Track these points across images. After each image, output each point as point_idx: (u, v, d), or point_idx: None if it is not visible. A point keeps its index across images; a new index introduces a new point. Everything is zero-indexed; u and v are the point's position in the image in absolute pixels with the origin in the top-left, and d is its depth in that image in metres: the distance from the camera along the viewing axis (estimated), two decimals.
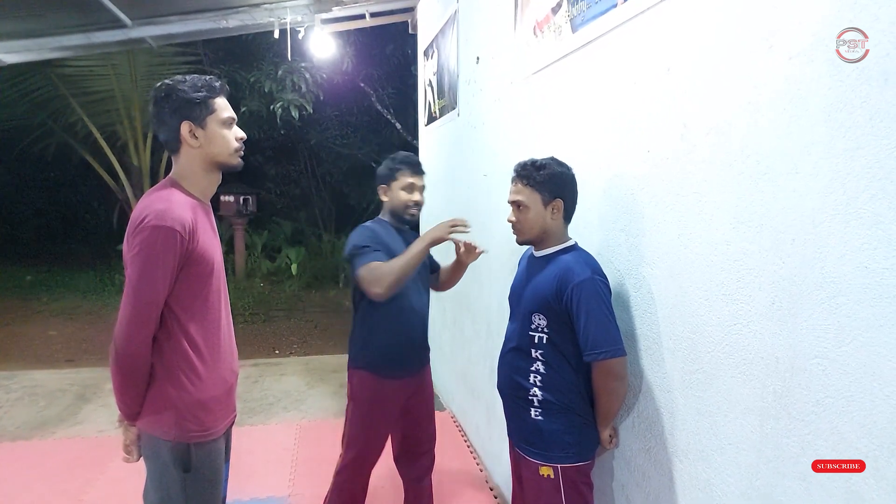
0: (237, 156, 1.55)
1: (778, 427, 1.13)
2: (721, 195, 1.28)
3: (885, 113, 0.90)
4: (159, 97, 1.46)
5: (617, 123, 1.71)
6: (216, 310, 1.52)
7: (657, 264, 1.53)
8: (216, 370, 1.51)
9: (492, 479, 2.96)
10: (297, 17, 4.73)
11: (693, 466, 1.39)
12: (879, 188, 0.91)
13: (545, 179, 1.64)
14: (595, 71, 1.83)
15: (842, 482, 0.98)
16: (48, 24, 3.96)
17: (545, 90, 2.23)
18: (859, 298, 0.95)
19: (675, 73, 1.43)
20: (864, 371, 0.94)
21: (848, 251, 0.97)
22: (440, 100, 4.05)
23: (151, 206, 1.38)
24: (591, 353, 1.52)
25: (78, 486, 2.91)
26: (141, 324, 1.36)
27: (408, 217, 2.19)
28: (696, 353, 1.37)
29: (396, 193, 2.17)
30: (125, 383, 1.40)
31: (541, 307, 1.61)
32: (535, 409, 1.63)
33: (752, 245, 1.19)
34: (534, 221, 1.66)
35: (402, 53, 8.45)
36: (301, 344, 6.29)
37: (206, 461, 1.49)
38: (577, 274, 1.55)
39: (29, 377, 4.70)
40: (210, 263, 1.47)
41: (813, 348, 1.04)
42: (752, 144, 1.19)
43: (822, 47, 1.02)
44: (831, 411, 1.01)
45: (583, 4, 1.88)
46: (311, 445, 3.43)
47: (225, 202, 8.85)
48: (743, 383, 1.22)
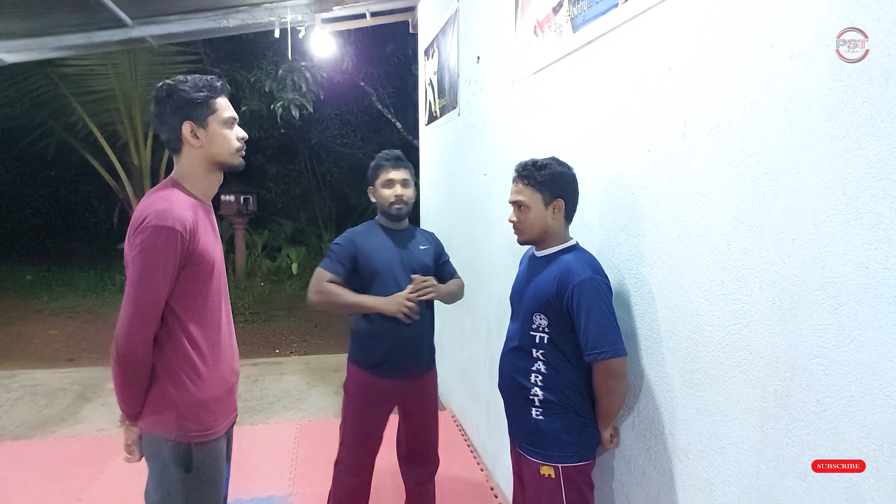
0: (238, 155, 1.55)
1: (778, 427, 1.13)
2: (722, 195, 1.28)
3: (887, 113, 0.90)
4: (161, 97, 1.46)
5: (618, 123, 1.71)
6: (217, 309, 1.52)
7: (658, 264, 1.53)
8: (217, 370, 1.51)
9: (492, 479, 2.96)
10: (297, 17, 4.73)
11: (693, 466, 1.39)
12: (880, 188, 0.91)
13: (546, 179, 1.64)
14: (596, 70, 1.83)
15: (842, 482, 0.98)
16: (48, 23, 3.96)
17: (546, 90, 2.23)
18: (860, 298, 0.95)
19: (676, 72, 1.43)
20: (865, 371, 0.94)
21: (849, 251, 0.97)
22: (441, 99, 4.05)
23: (152, 206, 1.38)
24: (591, 352, 1.52)
25: (78, 484, 2.91)
26: (142, 323, 1.36)
27: (394, 212, 2.16)
28: (696, 353, 1.37)
29: (379, 192, 2.18)
30: (126, 383, 1.40)
31: (542, 307, 1.61)
32: (535, 409, 1.63)
33: (752, 245, 1.19)
34: (535, 221, 1.66)
35: (403, 53, 8.44)
36: (301, 343, 6.30)
37: (208, 461, 1.49)
38: (578, 273, 1.55)
39: (29, 376, 4.70)
40: (211, 263, 1.47)
41: (813, 348, 1.04)
42: (752, 144, 1.19)
43: (823, 47, 1.02)
44: (831, 411, 1.01)
45: (584, 4, 1.88)
46: (311, 445, 3.43)
47: (225, 201, 8.85)
48: (743, 383, 1.22)
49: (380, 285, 2.10)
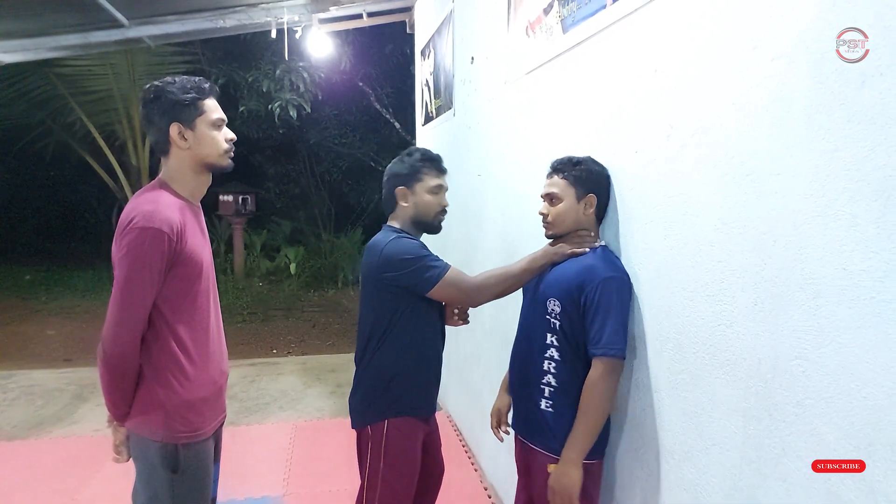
0: (227, 157, 1.55)
1: (760, 428, 1.13)
2: (706, 196, 1.28)
3: (863, 115, 0.91)
4: (148, 99, 1.47)
5: (606, 124, 1.71)
6: (205, 311, 1.52)
7: (645, 265, 1.53)
8: (205, 371, 1.51)
9: (486, 479, 2.97)
10: (294, 17, 4.74)
11: (679, 467, 1.40)
12: (857, 190, 0.92)
13: (581, 175, 1.64)
14: (585, 71, 1.84)
15: (821, 483, 0.99)
16: (46, 23, 3.96)
17: (537, 90, 2.23)
18: (838, 300, 0.95)
19: (662, 73, 1.43)
20: (843, 372, 0.95)
21: (827, 253, 0.97)
22: (436, 99, 4.06)
23: (139, 208, 1.39)
24: (604, 347, 1.50)
25: (73, 484, 2.92)
26: (129, 325, 1.36)
27: (437, 223, 1.87)
28: (681, 354, 1.38)
29: (422, 197, 1.83)
30: (113, 384, 1.41)
31: (559, 294, 1.60)
32: (545, 400, 1.62)
33: (735, 246, 1.19)
34: (566, 215, 1.65)
35: (401, 53, 8.45)
36: (299, 343, 6.30)
37: (195, 462, 1.49)
38: (610, 270, 1.55)
39: (27, 376, 4.71)
40: (198, 265, 1.48)
41: (794, 349, 1.05)
42: (736, 146, 1.19)
43: (803, 48, 1.02)
44: (811, 412, 1.01)
45: (573, 5, 1.88)
46: (306, 445, 3.44)
47: (224, 201, 8.84)
48: (727, 384, 1.22)
49: (428, 311, 1.81)
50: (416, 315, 1.76)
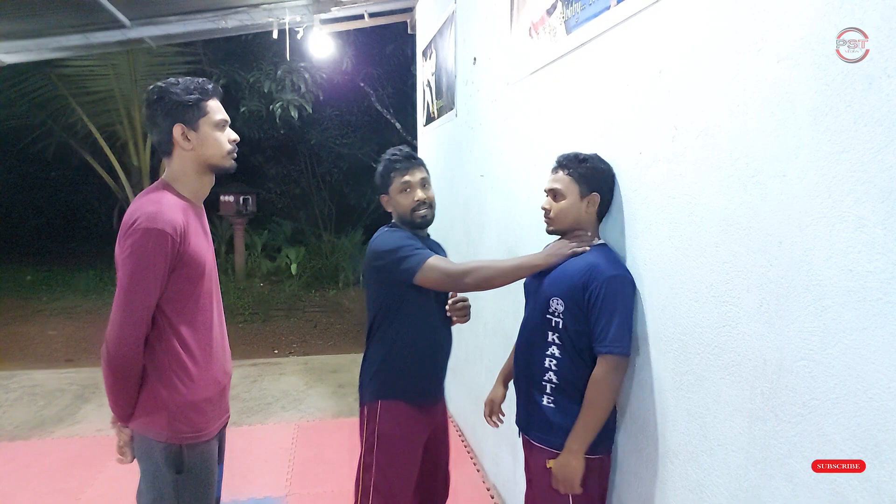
0: (230, 158, 1.55)
1: (766, 429, 1.13)
2: (711, 197, 1.28)
3: (869, 116, 0.91)
4: (151, 100, 1.47)
5: (610, 125, 1.71)
6: (208, 311, 1.52)
7: (649, 265, 1.53)
8: (208, 371, 1.51)
9: (488, 479, 2.97)
10: (295, 18, 4.74)
11: (684, 467, 1.39)
12: (863, 191, 0.92)
13: (586, 172, 1.64)
14: (589, 73, 1.84)
15: (827, 483, 0.99)
16: (47, 24, 3.97)
17: (540, 91, 2.23)
18: (844, 301, 0.95)
19: (667, 75, 1.43)
20: (849, 373, 0.95)
21: (833, 254, 0.97)
22: (438, 100, 4.06)
23: (142, 209, 1.39)
24: (610, 345, 1.51)
25: (76, 485, 2.93)
26: (132, 326, 1.37)
27: (419, 220, 1.88)
28: (686, 355, 1.38)
29: (396, 200, 1.89)
30: (117, 385, 1.41)
31: (562, 293, 1.60)
32: (547, 397, 1.63)
33: (741, 247, 1.19)
34: (568, 211, 1.65)
35: (402, 53, 8.45)
36: (300, 344, 6.30)
37: (199, 462, 1.50)
38: (614, 269, 1.56)
39: (28, 377, 4.71)
40: (201, 265, 1.48)
41: (799, 350, 1.05)
42: (741, 147, 1.19)
43: (808, 50, 1.02)
44: (817, 413, 1.01)
45: (577, 6, 1.88)
46: (308, 445, 3.44)
47: (225, 202, 8.85)
48: (732, 385, 1.22)
49: (418, 302, 1.84)
50: (406, 304, 1.83)
